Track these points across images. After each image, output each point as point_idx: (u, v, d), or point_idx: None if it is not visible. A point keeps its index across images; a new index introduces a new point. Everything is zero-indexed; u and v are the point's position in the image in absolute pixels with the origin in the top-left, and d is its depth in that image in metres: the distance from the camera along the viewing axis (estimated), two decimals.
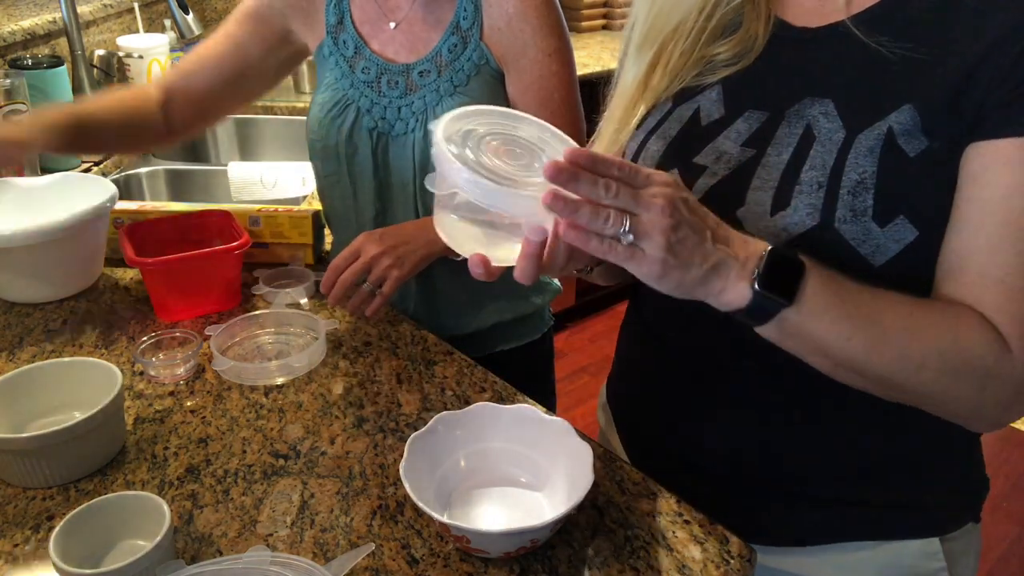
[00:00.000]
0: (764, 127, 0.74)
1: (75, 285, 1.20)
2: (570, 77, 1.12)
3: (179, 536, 0.77)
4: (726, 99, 0.77)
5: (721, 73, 0.78)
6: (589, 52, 2.94)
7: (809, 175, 0.69)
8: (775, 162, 0.71)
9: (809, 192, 0.68)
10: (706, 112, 0.78)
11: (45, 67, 1.56)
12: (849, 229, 0.67)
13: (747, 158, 0.73)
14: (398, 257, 1.04)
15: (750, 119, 0.75)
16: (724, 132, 0.76)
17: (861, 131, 0.67)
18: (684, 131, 0.79)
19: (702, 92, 0.79)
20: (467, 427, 0.84)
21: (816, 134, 0.70)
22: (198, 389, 0.99)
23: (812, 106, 0.71)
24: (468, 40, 1.09)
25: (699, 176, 0.76)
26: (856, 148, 0.67)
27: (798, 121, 0.71)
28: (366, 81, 1.13)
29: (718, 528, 0.79)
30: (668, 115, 0.81)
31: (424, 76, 1.11)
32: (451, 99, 1.09)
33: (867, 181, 0.66)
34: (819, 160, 0.69)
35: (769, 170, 0.72)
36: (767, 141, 0.73)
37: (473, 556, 0.75)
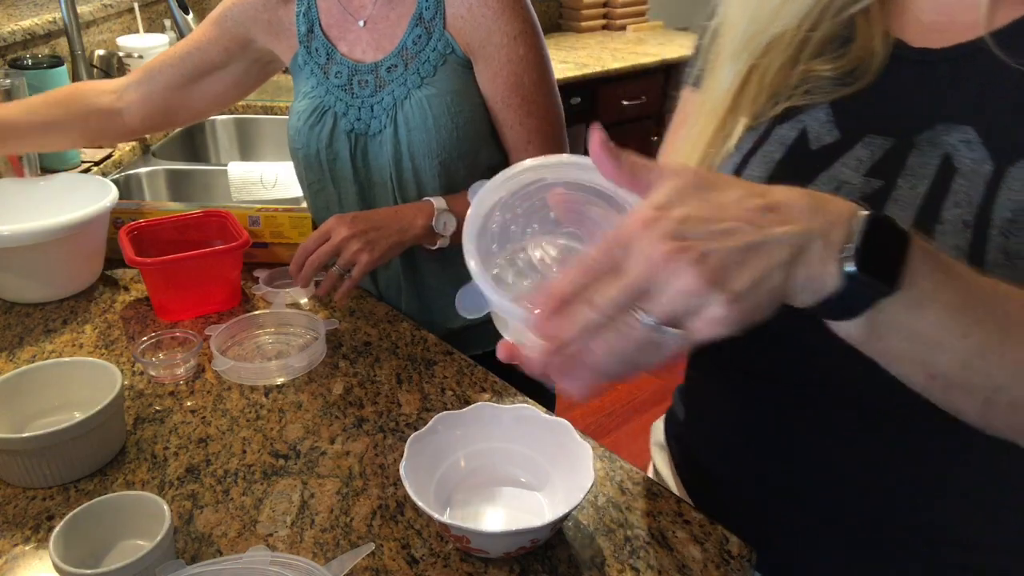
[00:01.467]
0: (890, 155, 0.65)
1: (75, 285, 1.20)
2: (539, 59, 1.11)
3: (179, 536, 0.77)
4: (839, 121, 0.68)
5: (832, 93, 0.69)
6: (589, 52, 2.94)
7: (953, 212, 0.59)
8: (909, 196, 0.62)
9: (953, 232, 0.59)
10: (815, 134, 0.69)
11: (45, 67, 1.56)
12: (1002, 275, 0.55)
13: (873, 190, 0.64)
14: (368, 242, 1.04)
15: (871, 145, 0.66)
16: (841, 159, 0.66)
17: (1013, 163, 0.59)
18: (790, 155, 0.69)
19: (806, 112, 0.69)
20: (467, 427, 0.84)
21: (957, 165, 0.61)
22: (198, 389, 0.99)
23: (949, 133, 0.62)
24: (432, 30, 1.09)
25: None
26: (1008, 181, 0.58)
27: (932, 150, 0.63)
28: (339, 85, 1.14)
29: (718, 528, 0.79)
30: (767, 136, 0.71)
31: (392, 71, 1.11)
32: (419, 91, 1.09)
33: (1021, 219, 0.57)
34: (964, 195, 0.59)
35: (902, 205, 0.62)
36: (896, 171, 0.64)
37: (473, 556, 0.75)
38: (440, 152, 1.09)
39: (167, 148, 1.96)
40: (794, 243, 0.43)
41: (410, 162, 1.10)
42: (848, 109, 0.68)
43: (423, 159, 1.10)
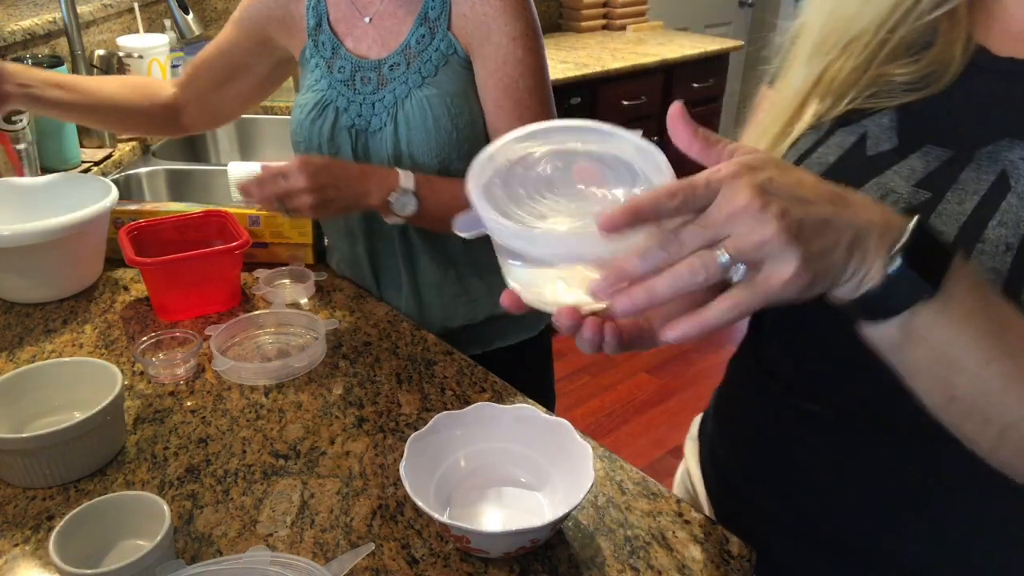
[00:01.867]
0: (945, 168, 0.62)
1: (75, 285, 1.20)
2: (537, 64, 1.10)
3: (179, 536, 0.77)
4: (900, 128, 0.66)
5: (900, 98, 0.66)
6: (589, 52, 2.94)
7: (997, 232, 0.56)
8: (954, 211, 0.60)
9: (993, 253, 0.56)
10: (874, 140, 0.67)
11: (45, 67, 1.56)
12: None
13: (919, 202, 0.62)
14: (323, 199, 1.01)
15: (928, 156, 0.63)
16: (895, 167, 0.64)
17: None
18: (845, 159, 0.68)
19: (870, 117, 0.68)
20: (467, 427, 0.84)
21: (1013, 183, 0.58)
22: (198, 389, 0.99)
23: (1012, 149, 0.59)
24: (436, 30, 1.09)
25: None
26: None
27: (991, 165, 0.59)
28: (342, 80, 1.14)
29: (718, 528, 0.79)
30: (826, 139, 0.70)
31: (394, 69, 1.11)
32: (420, 90, 1.09)
33: None
34: (1012, 215, 0.56)
35: (946, 220, 0.59)
36: (947, 185, 0.61)
37: (473, 556, 0.75)
38: (439, 152, 1.09)
39: (167, 148, 1.96)
40: (858, 228, 0.45)
41: (410, 160, 1.10)
42: (913, 116, 0.66)
43: (422, 157, 1.10)
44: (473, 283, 1.20)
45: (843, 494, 0.70)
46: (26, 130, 1.48)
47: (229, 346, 1.08)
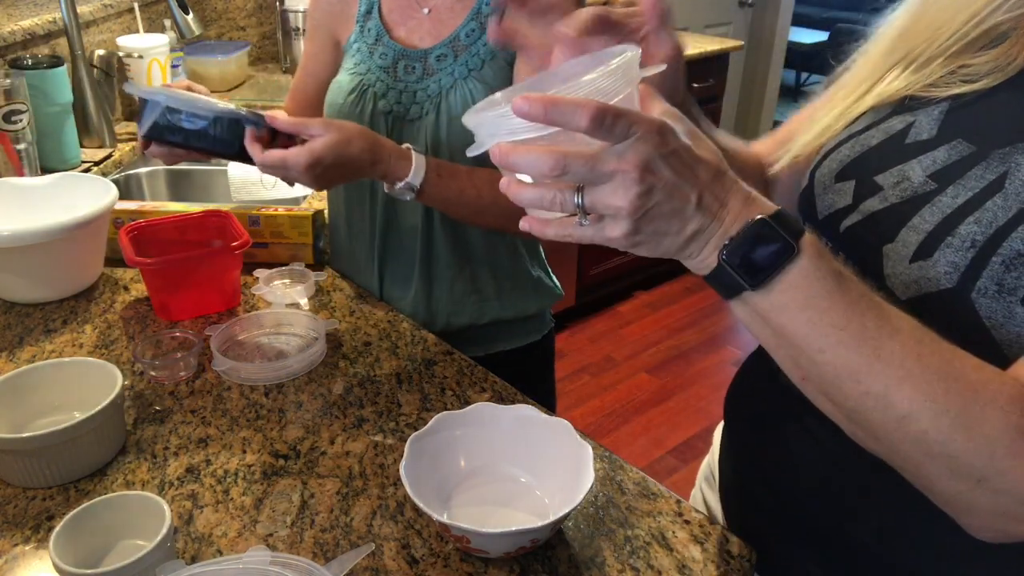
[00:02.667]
0: (962, 162, 0.63)
1: (75, 285, 1.20)
2: None
3: (179, 536, 0.77)
4: (944, 121, 0.66)
5: (954, 88, 0.67)
6: None
7: (968, 228, 0.58)
8: (946, 203, 0.61)
9: (958, 248, 0.58)
10: (917, 130, 0.68)
11: (45, 67, 1.56)
12: (988, 305, 0.55)
13: (924, 191, 0.63)
14: (315, 177, 0.99)
15: (954, 150, 0.64)
16: (920, 156, 0.65)
17: None
18: (885, 144, 0.69)
19: (925, 107, 0.68)
20: (467, 427, 0.84)
21: (1007, 185, 0.58)
22: (198, 389, 0.99)
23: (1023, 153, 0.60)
24: (487, 26, 1.09)
25: (870, 196, 0.67)
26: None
27: (998, 165, 0.60)
28: (382, 66, 1.14)
29: (718, 528, 0.79)
30: (880, 123, 0.71)
31: (441, 60, 1.12)
32: (465, 83, 1.10)
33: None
34: (990, 215, 0.58)
35: (934, 211, 0.61)
36: (954, 179, 0.62)
37: (473, 556, 0.75)
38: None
39: None
40: (702, 226, 0.53)
41: (448, 151, 1.10)
42: (960, 110, 0.66)
43: (461, 149, 1.09)
44: (486, 283, 1.20)
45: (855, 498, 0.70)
46: (26, 130, 1.48)
47: (229, 346, 1.08)
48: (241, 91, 2.26)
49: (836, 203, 0.70)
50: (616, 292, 3.29)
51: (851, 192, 0.69)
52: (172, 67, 2.01)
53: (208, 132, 1.01)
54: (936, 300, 0.58)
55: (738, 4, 3.98)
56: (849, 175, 0.70)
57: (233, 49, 2.29)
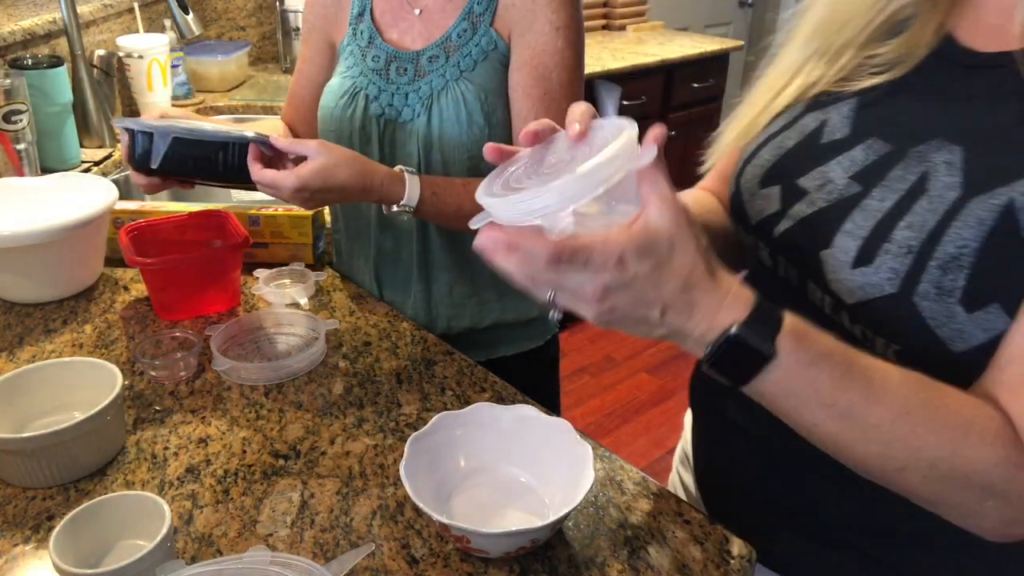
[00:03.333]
0: (881, 162, 0.65)
1: (75, 285, 1.20)
2: (574, 60, 1.09)
3: (179, 536, 0.77)
4: (855, 118, 0.68)
5: (864, 81, 0.68)
6: (589, 52, 2.93)
7: (903, 234, 0.60)
8: (874, 208, 0.63)
9: (897, 255, 0.60)
10: (831, 129, 0.69)
11: (45, 67, 1.56)
12: (929, 307, 0.58)
13: (850, 194, 0.65)
14: (305, 200, 1.00)
15: (870, 149, 0.66)
16: (838, 157, 0.67)
17: (977, 195, 0.58)
18: (802, 145, 0.71)
19: (836, 104, 0.70)
20: (467, 427, 0.84)
21: (928, 187, 0.60)
22: (198, 389, 0.99)
23: (939, 151, 0.61)
24: (478, 26, 1.09)
25: (798, 201, 0.69)
26: (964, 216, 0.58)
27: (917, 165, 0.62)
28: (374, 69, 1.14)
29: (718, 528, 0.79)
30: (794, 123, 0.73)
31: (433, 61, 1.11)
32: (457, 84, 1.09)
33: (964, 258, 0.57)
34: (920, 219, 0.60)
35: (866, 215, 0.63)
36: (876, 180, 0.64)
37: (473, 556, 0.75)
38: (471, 147, 1.09)
39: None
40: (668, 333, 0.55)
41: (439, 154, 1.10)
42: (871, 106, 0.68)
43: (453, 151, 1.09)
44: (486, 286, 1.20)
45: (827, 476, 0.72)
46: (26, 130, 1.48)
47: (229, 346, 1.08)
48: (241, 91, 2.26)
49: (765, 209, 0.72)
50: None
51: (778, 198, 0.71)
52: (172, 67, 2.01)
53: (219, 158, 1.02)
54: (881, 304, 0.60)
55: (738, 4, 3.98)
56: (773, 180, 0.72)
57: (233, 49, 2.29)
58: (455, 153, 1.09)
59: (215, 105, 2.15)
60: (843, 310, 0.65)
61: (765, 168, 0.73)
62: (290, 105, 1.32)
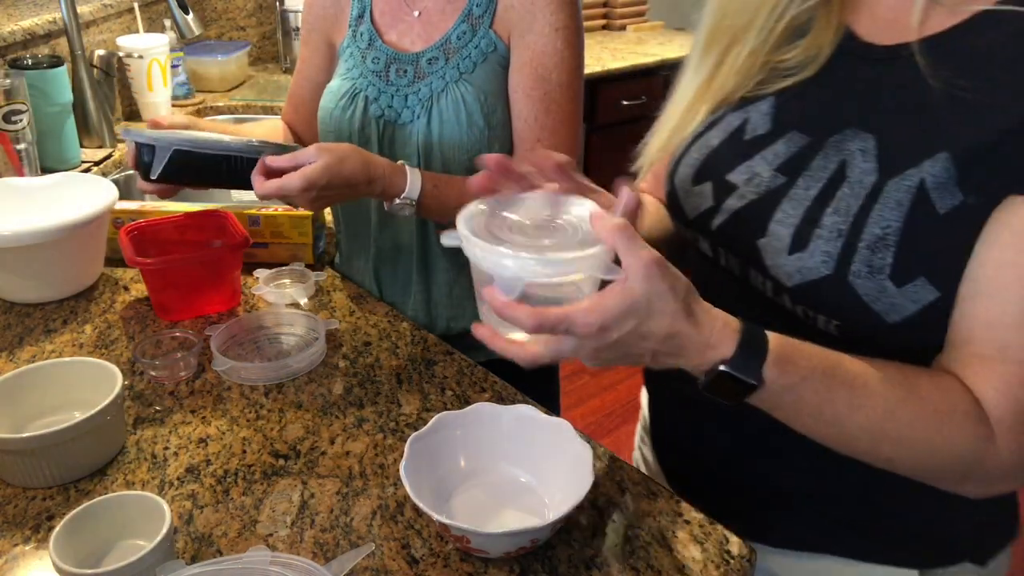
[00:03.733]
0: (802, 153, 0.69)
1: (75, 285, 1.20)
2: (574, 61, 1.09)
3: (179, 536, 0.77)
4: (775, 115, 0.73)
5: (779, 83, 0.73)
6: (589, 52, 2.94)
7: (831, 220, 0.65)
8: (801, 196, 0.68)
9: (828, 239, 0.65)
10: (753, 126, 0.74)
11: (45, 67, 1.56)
12: (863, 284, 0.63)
13: (777, 185, 0.70)
14: (315, 199, 0.99)
15: (790, 142, 0.70)
16: (762, 152, 0.72)
17: (892, 177, 0.63)
18: (726, 143, 0.75)
19: (755, 103, 0.74)
20: (467, 427, 0.84)
21: (848, 173, 0.65)
22: (198, 389, 0.99)
23: (853, 140, 0.66)
24: (478, 27, 1.09)
25: (729, 196, 0.73)
26: (884, 198, 0.63)
27: (835, 154, 0.67)
28: (374, 71, 1.14)
29: (718, 528, 0.79)
30: (717, 123, 0.77)
31: (432, 63, 1.11)
32: (456, 86, 1.09)
33: (889, 238, 0.62)
34: (844, 204, 0.65)
35: (794, 204, 0.68)
36: (800, 170, 0.69)
37: (473, 556, 0.75)
38: (470, 148, 1.09)
39: None
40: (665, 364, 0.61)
41: (439, 155, 1.10)
42: (787, 103, 0.73)
43: (452, 153, 1.09)
44: None
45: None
46: (26, 130, 1.48)
47: (229, 346, 1.08)
48: (241, 91, 2.26)
49: (700, 205, 0.76)
50: None
51: (710, 194, 0.75)
52: (172, 67, 2.01)
53: (220, 169, 1.02)
54: (819, 285, 0.65)
55: None
56: (704, 177, 0.76)
57: (233, 49, 2.29)
58: (455, 154, 1.10)
59: (215, 105, 2.15)
60: (784, 292, 0.69)
61: (695, 167, 0.77)
62: (290, 105, 1.32)
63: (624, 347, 0.58)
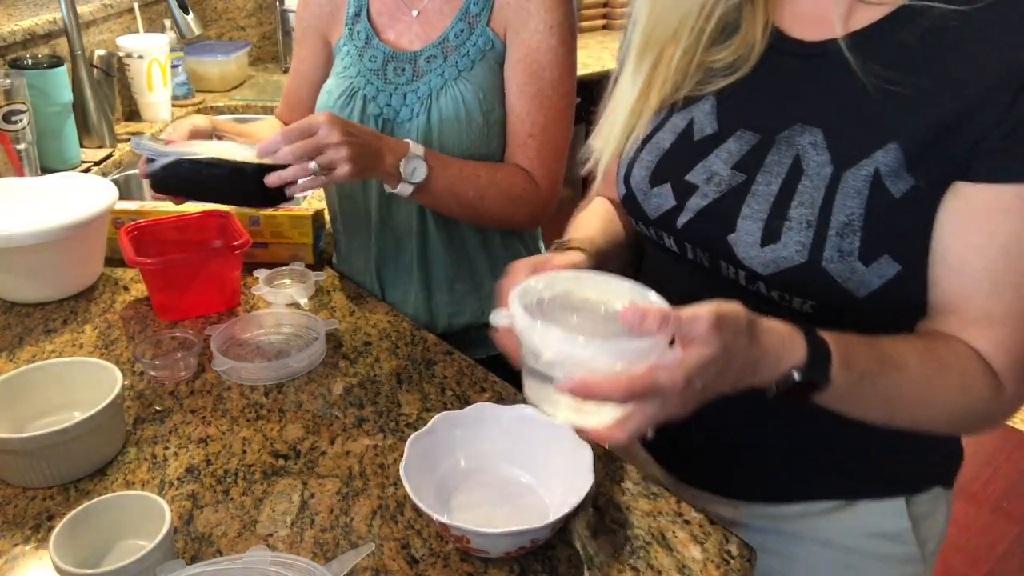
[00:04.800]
0: (755, 150, 0.72)
1: (75, 285, 1.20)
2: (567, 58, 1.11)
3: (179, 536, 0.77)
4: (719, 114, 0.76)
5: (717, 83, 0.76)
6: (589, 52, 2.94)
7: (798, 212, 0.69)
8: (764, 192, 0.71)
9: (799, 230, 0.69)
10: (699, 126, 0.76)
11: (45, 67, 1.56)
12: (836, 268, 0.68)
13: (738, 183, 0.73)
14: (356, 155, 0.97)
15: (741, 140, 0.73)
16: (716, 151, 0.75)
17: (848, 168, 0.67)
18: (677, 144, 0.77)
19: (697, 103, 0.77)
20: (467, 427, 0.84)
21: (805, 167, 0.69)
22: (198, 389, 0.99)
23: (803, 134, 0.70)
24: (475, 26, 1.09)
25: (691, 195, 0.75)
26: (844, 188, 0.67)
27: (788, 149, 0.71)
28: (372, 69, 1.14)
29: (718, 528, 0.79)
30: (662, 124, 0.79)
31: (431, 62, 1.12)
32: (456, 84, 1.09)
33: (855, 223, 0.67)
34: (808, 196, 0.69)
35: (759, 200, 0.71)
36: (757, 167, 0.72)
37: (473, 556, 0.75)
38: (469, 145, 1.09)
39: None
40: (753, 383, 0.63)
41: (438, 151, 1.10)
42: (729, 101, 0.75)
43: (452, 150, 1.10)
44: (486, 279, 1.20)
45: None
46: (26, 130, 1.48)
47: (229, 346, 1.08)
48: (241, 91, 2.26)
49: (662, 205, 0.79)
50: None
51: (671, 194, 0.77)
52: (172, 67, 2.01)
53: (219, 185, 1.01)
54: (793, 272, 0.70)
55: None
56: (661, 179, 0.78)
57: (233, 49, 2.29)
58: (454, 152, 1.10)
59: (215, 105, 2.15)
60: (758, 280, 0.73)
61: (650, 169, 0.79)
62: (286, 105, 1.32)
63: (707, 392, 0.61)
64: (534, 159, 1.12)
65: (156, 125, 1.94)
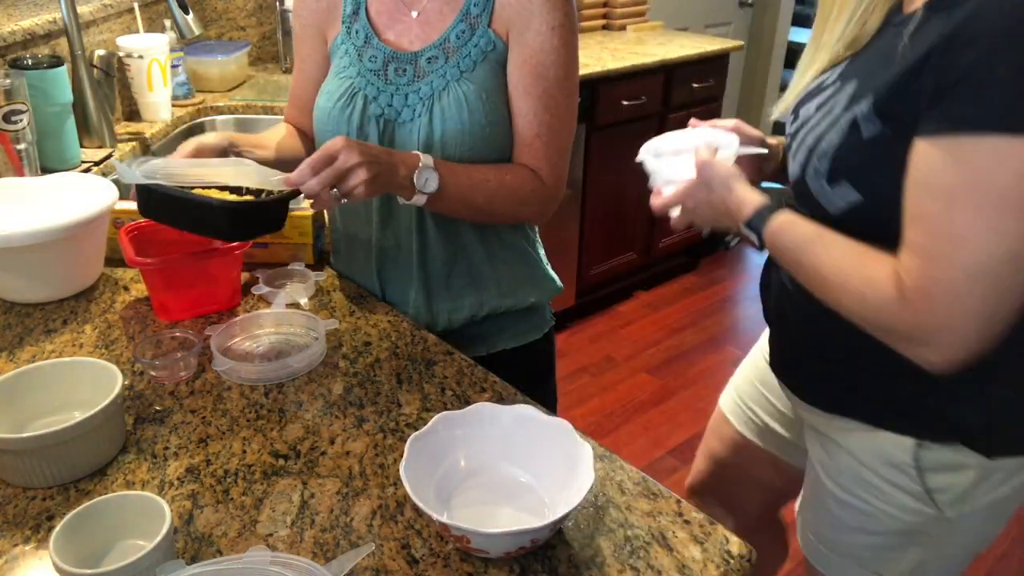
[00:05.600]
0: (832, 95, 0.91)
1: (75, 285, 1.20)
2: (569, 58, 1.11)
3: (179, 536, 0.77)
4: (842, 71, 0.93)
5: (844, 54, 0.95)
6: (589, 52, 2.94)
7: (808, 137, 0.91)
8: (813, 122, 0.92)
9: (802, 150, 0.92)
10: (829, 77, 0.95)
11: (45, 67, 1.56)
12: (812, 184, 0.90)
13: (808, 118, 0.94)
14: (374, 176, 1.00)
15: (833, 87, 0.92)
16: (819, 96, 0.94)
17: (846, 112, 0.86)
18: (810, 91, 0.97)
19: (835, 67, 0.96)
20: (467, 427, 0.84)
21: (831, 108, 0.89)
22: (198, 389, 1.00)
23: (849, 85, 0.88)
24: (476, 26, 1.10)
25: (796, 121, 0.98)
26: (837, 126, 0.87)
27: (836, 95, 0.90)
28: (372, 69, 1.14)
29: (718, 528, 0.79)
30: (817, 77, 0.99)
31: (432, 62, 1.11)
32: (458, 84, 1.09)
33: (830, 152, 0.87)
34: (818, 128, 0.90)
35: (807, 129, 0.93)
36: (823, 104, 0.92)
37: (473, 556, 0.75)
38: (472, 146, 1.10)
39: (167, 148, 1.96)
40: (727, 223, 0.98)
41: (440, 151, 1.10)
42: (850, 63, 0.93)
43: (454, 151, 1.10)
44: (483, 272, 1.20)
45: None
46: (26, 130, 1.48)
47: (229, 346, 1.08)
48: (241, 91, 2.26)
49: (788, 129, 1.02)
50: (616, 292, 3.29)
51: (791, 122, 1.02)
52: (172, 67, 2.01)
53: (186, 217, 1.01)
54: (797, 184, 0.94)
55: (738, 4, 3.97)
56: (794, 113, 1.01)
57: (233, 49, 2.29)
58: (456, 152, 1.10)
59: (215, 105, 2.15)
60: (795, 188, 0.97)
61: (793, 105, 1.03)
62: (293, 107, 1.31)
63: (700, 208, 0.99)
64: (541, 159, 1.12)
65: (156, 125, 1.94)
